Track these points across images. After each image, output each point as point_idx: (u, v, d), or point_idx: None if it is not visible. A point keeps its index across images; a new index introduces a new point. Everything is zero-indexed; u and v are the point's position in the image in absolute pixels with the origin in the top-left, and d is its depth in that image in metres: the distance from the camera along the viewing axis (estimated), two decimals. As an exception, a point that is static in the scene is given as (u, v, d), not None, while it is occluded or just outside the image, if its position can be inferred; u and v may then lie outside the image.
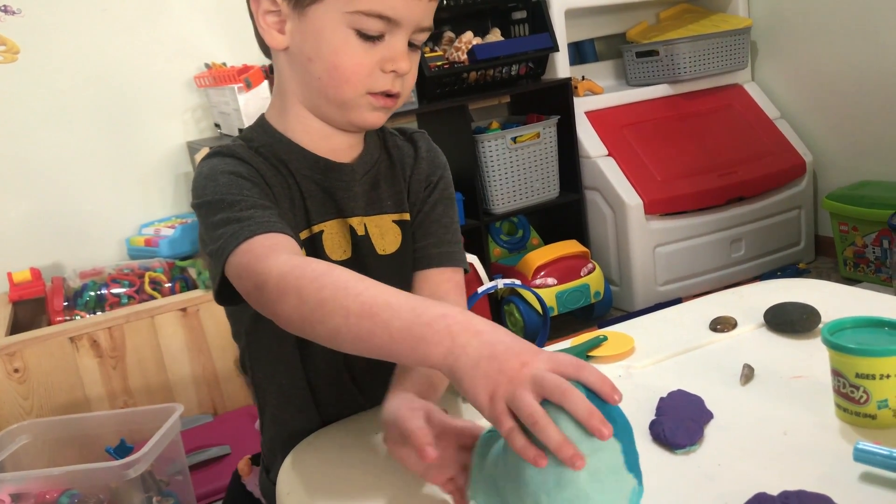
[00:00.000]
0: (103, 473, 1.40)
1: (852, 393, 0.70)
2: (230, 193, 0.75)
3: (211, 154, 0.82)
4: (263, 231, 0.71)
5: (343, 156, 0.86)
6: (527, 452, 0.53)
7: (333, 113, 0.82)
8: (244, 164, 0.79)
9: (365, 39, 0.76)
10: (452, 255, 0.90)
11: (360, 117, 0.81)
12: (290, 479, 0.75)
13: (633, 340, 0.95)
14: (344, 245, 0.85)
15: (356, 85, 0.78)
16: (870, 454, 0.63)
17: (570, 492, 0.54)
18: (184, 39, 2.44)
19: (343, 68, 0.77)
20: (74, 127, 2.34)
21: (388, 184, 0.89)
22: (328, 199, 0.84)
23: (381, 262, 0.86)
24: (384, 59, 0.77)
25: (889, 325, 0.73)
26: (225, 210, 0.73)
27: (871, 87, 2.62)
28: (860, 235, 2.55)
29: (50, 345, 1.89)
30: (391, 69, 0.77)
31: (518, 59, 2.56)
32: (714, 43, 2.79)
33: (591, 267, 2.52)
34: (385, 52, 0.77)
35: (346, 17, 0.75)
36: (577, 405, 0.52)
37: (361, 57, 0.76)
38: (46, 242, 2.33)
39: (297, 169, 0.83)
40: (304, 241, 0.83)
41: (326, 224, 0.84)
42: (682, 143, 2.74)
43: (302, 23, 0.77)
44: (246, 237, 0.70)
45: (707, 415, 0.76)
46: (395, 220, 0.88)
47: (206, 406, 2.09)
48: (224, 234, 0.72)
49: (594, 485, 0.54)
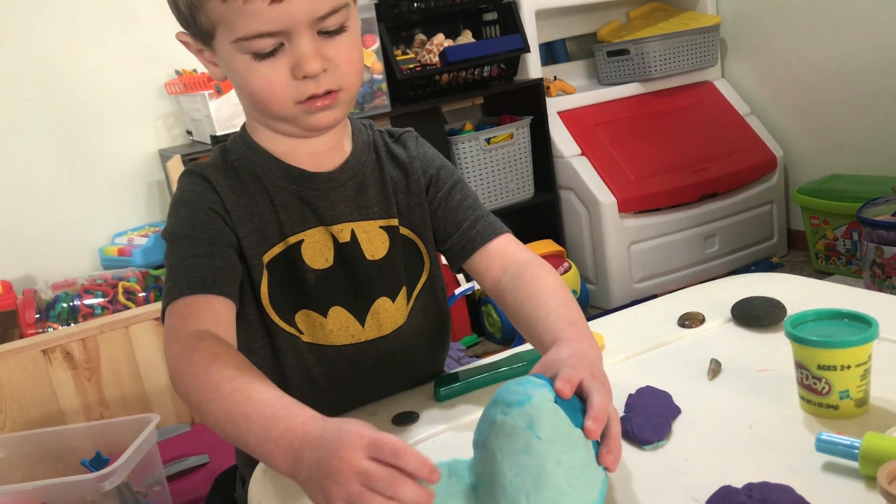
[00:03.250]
0: (79, 486, 1.38)
1: (815, 384, 0.72)
2: (183, 230, 0.80)
3: (185, 172, 0.85)
4: (188, 293, 0.75)
5: (325, 161, 0.85)
6: None
7: (283, 126, 0.81)
8: (209, 189, 0.82)
9: (264, 58, 0.74)
10: (492, 225, 0.89)
11: (306, 124, 0.79)
12: (262, 486, 0.74)
13: (603, 338, 0.95)
14: (326, 253, 0.85)
15: (279, 102, 0.76)
16: (831, 444, 0.64)
17: (549, 491, 0.54)
18: (153, 46, 2.42)
19: (258, 92, 0.76)
20: (42, 137, 2.32)
21: (377, 189, 0.88)
22: (306, 209, 0.84)
23: (370, 267, 0.86)
24: (293, 67, 0.74)
25: (849, 317, 0.74)
26: (175, 252, 0.79)
27: (839, 82, 2.66)
28: (831, 228, 2.59)
29: (22, 358, 1.86)
30: (302, 75, 0.74)
31: (490, 60, 2.57)
32: (684, 41, 2.82)
33: (567, 266, 2.53)
34: (290, 59, 0.74)
35: (235, 45, 0.73)
36: (409, 469, 0.54)
37: (269, 76, 0.74)
38: (17, 254, 2.30)
39: (271, 182, 0.83)
40: (277, 254, 0.83)
41: (307, 233, 0.84)
42: (654, 141, 2.76)
43: (218, 57, 0.78)
44: (174, 297, 0.76)
45: (675, 410, 0.77)
46: (382, 225, 0.88)
47: (184, 415, 2.07)
48: (165, 284, 0.78)
49: (571, 481, 0.55)
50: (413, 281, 0.91)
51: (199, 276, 0.76)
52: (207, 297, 0.75)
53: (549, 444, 0.55)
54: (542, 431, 0.55)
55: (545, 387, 0.58)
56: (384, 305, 0.87)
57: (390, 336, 0.88)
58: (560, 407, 0.57)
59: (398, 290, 0.88)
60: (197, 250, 0.78)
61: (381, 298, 0.87)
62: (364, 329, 0.87)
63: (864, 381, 0.71)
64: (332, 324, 0.85)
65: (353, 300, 0.86)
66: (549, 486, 0.54)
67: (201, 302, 0.75)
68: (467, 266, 0.90)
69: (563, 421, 0.57)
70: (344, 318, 0.86)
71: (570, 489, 0.55)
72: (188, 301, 0.75)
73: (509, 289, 0.83)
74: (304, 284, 0.84)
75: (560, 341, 0.70)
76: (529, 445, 0.55)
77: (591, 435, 0.57)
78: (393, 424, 0.83)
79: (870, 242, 2.17)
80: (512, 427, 0.56)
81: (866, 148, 2.65)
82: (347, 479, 0.54)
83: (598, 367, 0.66)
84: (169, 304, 0.76)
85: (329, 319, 0.85)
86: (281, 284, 0.83)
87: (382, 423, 0.83)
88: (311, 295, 0.84)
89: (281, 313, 0.84)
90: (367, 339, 0.87)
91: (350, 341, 0.86)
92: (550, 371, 0.62)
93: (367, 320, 0.87)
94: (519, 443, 0.55)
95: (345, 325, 0.86)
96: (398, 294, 0.88)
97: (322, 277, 0.84)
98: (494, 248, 0.88)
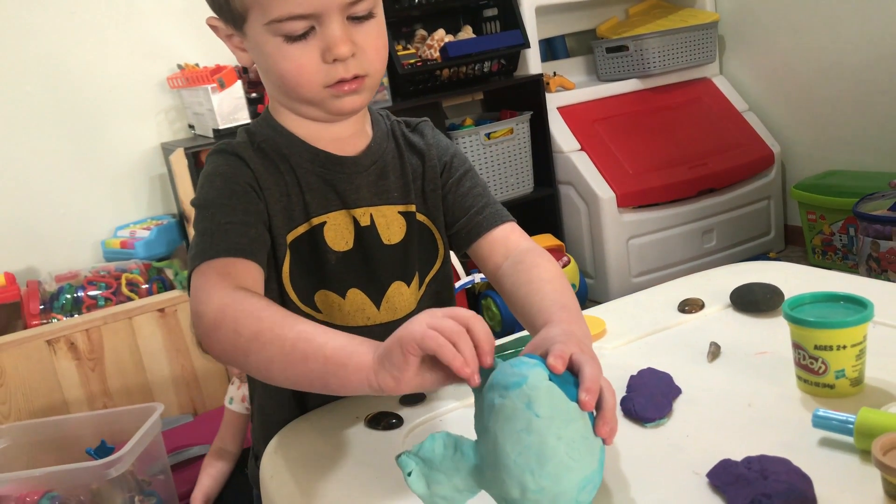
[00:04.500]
0: (84, 474, 1.40)
1: (811, 364, 0.74)
2: (219, 198, 0.80)
3: (216, 150, 0.85)
4: (225, 254, 0.75)
5: (347, 146, 0.87)
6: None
7: (309, 110, 0.83)
8: (243, 165, 0.82)
9: (295, 41, 0.76)
10: (499, 213, 0.91)
11: (332, 108, 0.82)
12: (274, 462, 0.76)
13: (605, 323, 0.97)
14: (347, 236, 0.86)
15: (308, 85, 0.78)
16: (827, 420, 0.66)
17: (552, 466, 0.56)
18: (155, 41, 2.44)
19: (288, 75, 0.78)
20: (46, 130, 2.33)
21: (396, 175, 0.90)
22: (330, 191, 0.86)
23: (386, 251, 0.88)
24: (323, 51, 0.76)
25: (845, 300, 0.76)
26: (209, 217, 0.79)
27: (837, 78, 2.68)
28: (828, 224, 2.61)
29: (27, 348, 1.88)
30: (332, 59, 0.76)
31: (490, 55, 2.59)
32: (682, 37, 2.84)
33: (566, 260, 2.55)
34: (321, 43, 0.76)
35: (268, 28, 0.75)
36: (477, 336, 0.61)
37: (299, 59, 0.76)
38: (20, 247, 2.31)
39: (298, 163, 0.85)
40: (302, 234, 0.85)
41: (329, 216, 0.86)
42: (653, 137, 2.78)
43: (248, 41, 0.80)
44: (210, 256, 0.75)
45: (675, 390, 0.79)
46: (400, 211, 0.89)
47: (186, 406, 2.09)
48: (197, 245, 0.77)
49: (572, 454, 0.56)
50: (426, 267, 0.93)
51: (237, 241, 0.77)
52: (245, 262, 0.76)
53: (548, 422, 0.57)
54: (540, 410, 0.57)
55: (539, 366, 0.60)
56: (399, 290, 0.89)
57: (402, 320, 0.90)
58: (555, 383, 0.59)
59: (412, 275, 0.90)
60: (234, 217, 0.79)
61: (397, 283, 0.89)
62: (379, 312, 0.88)
63: (859, 361, 0.73)
64: (350, 305, 0.87)
65: (370, 283, 0.88)
66: (551, 460, 0.56)
67: (239, 265, 0.76)
68: (471, 251, 0.92)
69: (559, 397, 0.58)
70: (361, 300, 0.87)
71: (572, 461, 0.57)
72: (226, 262, 0.75)
73: (508, 274, 0.85)
74: (325, 265, 0.86)
75: (550, 323, 0.72)
76: (530, 424, 0.56)
77: (585, 407, 0.58)
78: (400, 403, 0.85)
79: (866, 237, 2.19)
80: (511, 409, 0.57)
81: (863, 144, 2.67)
82: (420, 324, 0.60)
83: (587, 345, 0.68)
84: (203, 262, 0.75)
85: (347, 301, 0.87)
86: (302, 264, 0.85)
87: (390, 402, 0.85)
88: (331, 276, 0.86)
89: (300, 293, 0.86)
90: (382, 321, 0.89)
91: (365, 323, 0.88)
92: (541, 349, 0.64)
93: (383, 304, 0.89)
94: (520, 423, 0.57)
95: (361, 307, 0.88)
96: (412, 279, 0.90)
97: (342, 259, 0.86)
98: (499, 234, 0.90)
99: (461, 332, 0.60)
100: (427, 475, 0.59)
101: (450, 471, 0.59)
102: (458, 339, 0.59)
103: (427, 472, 0.59)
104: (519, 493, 0.56)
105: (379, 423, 0.80)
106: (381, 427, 0.80)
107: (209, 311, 0.70)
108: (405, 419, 0.81)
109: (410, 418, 0.81)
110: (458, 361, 0.59)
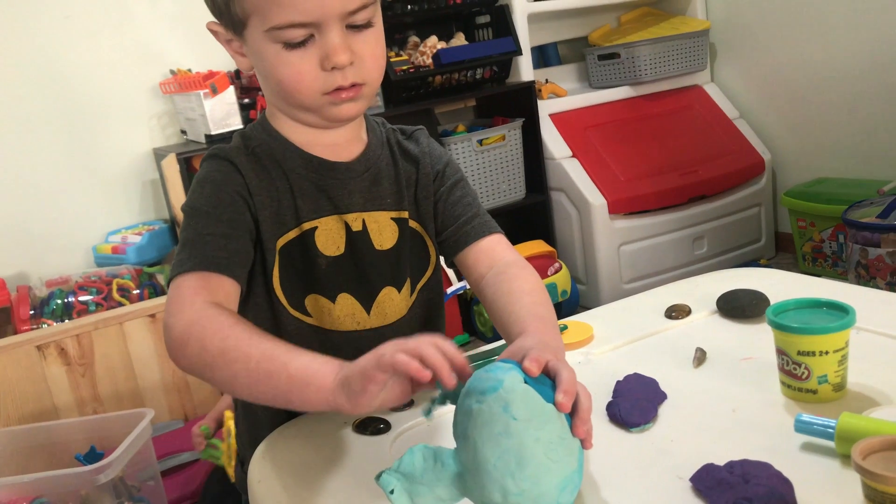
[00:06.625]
0: (73, 479, 1.39)
1: (795, 370, 0.74)
2: (206, 206, 0.81)
3: (209, 155, 0.87)
4: (201, 268, 0.77)
5: (342, 152, 0.88)
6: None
7: (306, 116, 0.84)
8: (234, 171, 0.83)
9: (294, 48, 0.77)
10: (487, 223, 0.92)
11: (330, 115, 0.83)
12: (261, 467, 0.77)
13: (592, 329, 0.98)
14: (338, 241, 0.87)
15: (306, 92, 0.79)
16: (808, 425, 0.67)
17: (531, 468, 0.56)
18: (148, 46, 2.44)
19: (286, 81, 0.79)
20: (37, 135, 2.33)
21: (390, 181, 0.91)
22: (322, 197, 0.86)
23: (378, 256, 0.89)
24: (322, 59, 0.77)
25: (828, 306, 0.77)
26: (192, 226, 0.80)
27: (827, 86, 2.71)
28: (818, 231, 2.62)
29: (16, 353, 1.87)
30: (330, 66, 0.77)
31: (482, 62, 2.60)
32: (674, 45, 2.86)
33: (557, 266, 2.56)
34: (320, 50, 0.77)
35: (268, 34, 0.76)
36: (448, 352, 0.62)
37: (298, 65, 0.78)
38: (11, 251, 2.31)
39: (290, 168, 0.86)
40: (293, 239, 0.85)
41: (321, 221, 0.86)
42: (644, 144, 2.80)
43: (248, 46, 0.81)
44: (187, 269, 0.77)
45: (661, 395, 0.80)
46: (393, 217, 0.90)
47: (177, 412, 2.08)
48: (177, 255, 0.79)
49: (551, 454, 0.57)
50: (418, 274, 0.93)
51: (214, 255, 0.78)
52: (220, 277, 0.78)
53: (525, 424, 0.57)
54: (517, 412, 0.57)
55: (514, 370, 0.60)
56: (390, 295, 0.90)
57: (393, 326, 0.90)
58: (531, 386, 0.59)
59: (403, 281, 0.91)
60: (215, 229, 0.80)
61: (388, 288, 0.90)
62: (369, 317, 0.89)
63: (841, 367, 0.74)
64: (340, 310, 0.88)
65: (361, 288, 0.88)
66: (530, 463, 0.56)
67: (214, 279, 0.77)
68: (457, 260, 0.93)
69: (535, 399, 0.58)
70: (351, 305, 0.88)
71: (551, 462, 0.57)
72: (201, 276, 0.77)
73: (490, 284, 0.86)
74: (316, 270, 0.86)
75: (526, 333, 0.73)
76: (508, 428, 0.57)
77: (562, 408, 0.59)
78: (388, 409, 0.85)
79: (854, 244, 2.20)
80: (489, 414, 0.58)
81: (852, 152, 2.69)
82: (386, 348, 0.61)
83: (561, 356, 0.70)
84: (180, 275, 0.77)
85: (337, 305, 0.87)
86: (292, 269, 0.86)
87: (377, 409, 0.85)
88: (322, 280, 0.87)
89: (290, 297, 0.86)
90: (372, 326, 0.89)
91: (355, 328, 0.89)
92: (516, 357, 0.65)
93: (373, 309, 0.89)
94: (497, 427, 0.57)
95: (351, 312, 0.88)
96: (403, 285, 0.91)
97: (333, 264, 0.87)
98: (485, 245, 0.91)
99: (431, 346, 0.61)
100: (409, 490, 0.59)
101: (432, 482, 0.59)
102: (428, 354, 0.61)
103: (409, 487, 0.59)
104: (501, 496, 0.57)
105: (367, 428, 0.81)
106: (369, 432, 0.80)
107: (178, 325, 0.72)
108: (393, 424, 0.81)
109: (398, 423, 0.81)
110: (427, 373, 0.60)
